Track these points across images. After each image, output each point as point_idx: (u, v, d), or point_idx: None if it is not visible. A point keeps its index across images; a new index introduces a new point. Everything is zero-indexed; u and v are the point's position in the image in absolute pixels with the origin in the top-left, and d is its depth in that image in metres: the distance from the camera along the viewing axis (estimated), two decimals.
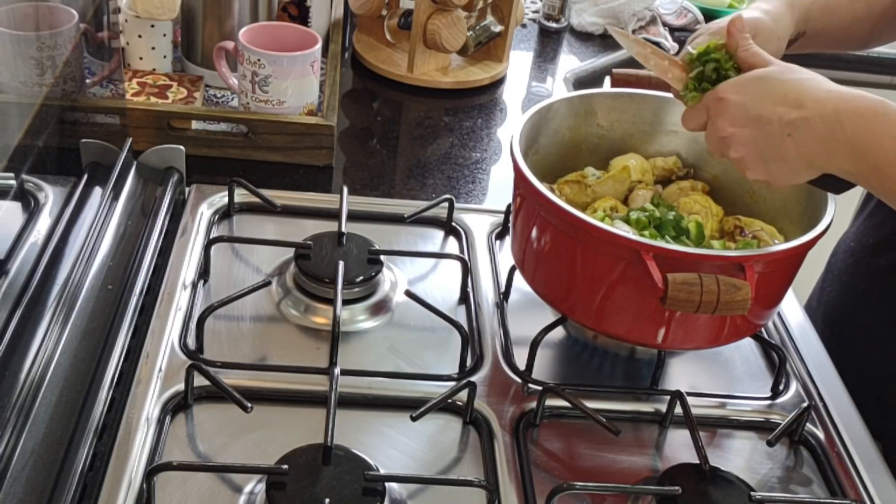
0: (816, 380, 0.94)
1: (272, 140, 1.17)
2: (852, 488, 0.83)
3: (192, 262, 0.96)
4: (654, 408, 0.88)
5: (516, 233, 0.92)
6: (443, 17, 1.36)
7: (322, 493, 0.71)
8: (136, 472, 0.74)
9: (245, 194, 1.05)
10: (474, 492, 0.77)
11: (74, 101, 1.02)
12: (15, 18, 0.87)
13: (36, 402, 0.75)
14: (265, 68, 1.16)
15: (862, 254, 1.11)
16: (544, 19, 1.70)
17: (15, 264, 0.80)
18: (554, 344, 0.95)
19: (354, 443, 0.78)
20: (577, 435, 0.85)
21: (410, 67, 1.41)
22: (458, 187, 1.20)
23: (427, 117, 1.37)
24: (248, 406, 0.77)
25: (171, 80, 1.25)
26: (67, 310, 0.83)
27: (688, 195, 0.97)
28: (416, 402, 0.80)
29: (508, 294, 0.99)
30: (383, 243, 1.00)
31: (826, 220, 0.83)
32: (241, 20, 1.29)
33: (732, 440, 0.87)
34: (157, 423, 0.79)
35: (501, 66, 1.49)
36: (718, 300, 0.75)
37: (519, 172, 0.87)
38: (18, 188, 0.86)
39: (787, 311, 1.02)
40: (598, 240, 0.80)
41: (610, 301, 0.84)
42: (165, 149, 1.07)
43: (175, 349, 0.86)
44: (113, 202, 0.98)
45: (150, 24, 1.24)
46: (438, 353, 0.91)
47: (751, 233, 0.92)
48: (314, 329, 0.92)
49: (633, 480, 0.81)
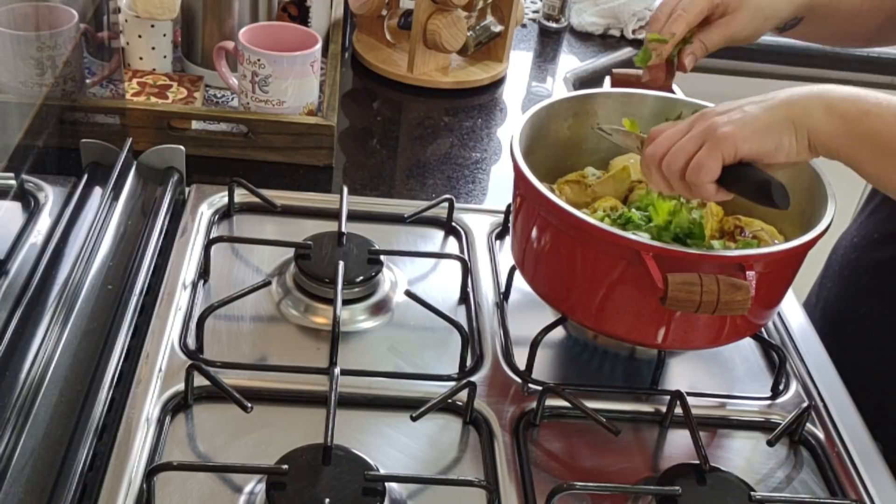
0: (816, 380, 0.94)
1: (272, 140, 1.17)
2: (852, 488, 0.83)
3: (192, 262, 0.96)
4: (654, 408, 0.88)
5: (516, 233, 0.92)
6: (443, 17, 1.36)
7: (322, 493, 0.71)
8: (136, 472, 0.74)
9: (245, 194, 1.05)
10: (474, 492, 0.77)
11: (74, 101, 1.03)
12: (15, 18, 0.87)
13: (36, 402, 0.75)
14: (265, 68, 1.16)
15: (864, 248, 1.11)
16: (544, 19, 1.70)
17: (15, 264, 0.80)
18: (554, 344, 0.95)
19: (354, 443, 0.78)
20: (577, 435, 0.85)
21: (410, 67, 1.41)
22: (458, 187, 1.20)
23: (427, 117, 1.37)
24: (248, 406, 0.77)
25: (171, 80, 1.25)
26: (67, 310, 0.83)
27: None
28: (416, 402, 0.80)
29: (508, 294, 0.99)
30: (383, 243, 1.00)
31: (826, 220, 0.83)
32: (241, 20, 1.29)
33: (732, 440, 0.87)
34: (157, 423, 0.79)
35: (501, 66, 1.49)
36: (718, 300, 0.75)
37: (519, 172, 0.87)
38: (18, 188, 0.86)
39: (787, 311, 1.02)
40: (598, 240, 0.80)
41: (610, 301, 0.84)
42: (165, 149, 1.07)
43: (175, 349, 0.86)
44: (113, 202, 0.98)
45: (150, 24, 1.24)
46: (438, 353, 0.91)
47: (751, 233, 0.92)
48: (314, 329, 0.92)
49: (633, 480, 0.81)
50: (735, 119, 0.78)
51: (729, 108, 0.80)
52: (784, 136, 0.77)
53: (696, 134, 0.79)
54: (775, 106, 0.78)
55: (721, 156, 0.77)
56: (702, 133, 0.79)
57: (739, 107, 0.80)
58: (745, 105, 0.80)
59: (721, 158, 0.77)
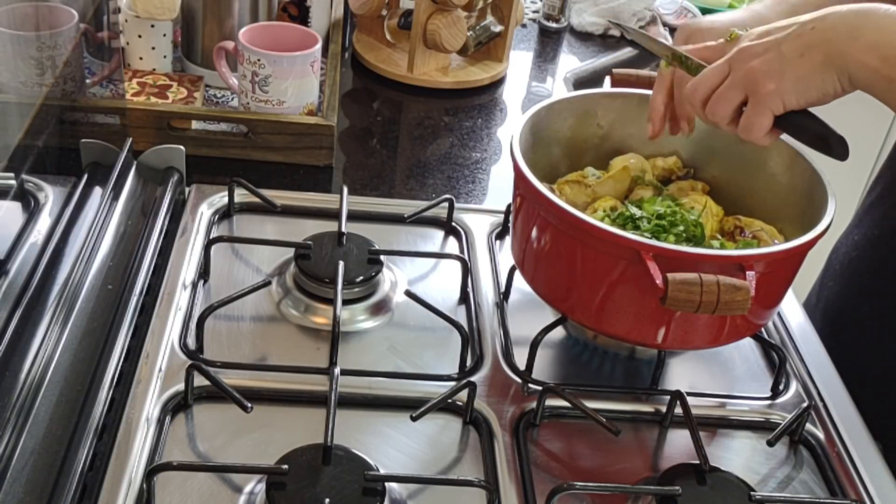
0: (816, 380, 0.94)
1: (272, 140, 1.17)
2: (852, 488, 0.83)
3: (192, 262, 0.96)
4: (654, 408, 0.88)
5: (516, 233, 0.92)
6: (443, 17, 1.36)
7: (322, 493, 0.71)
8: (136, 472, 0.74)
9: (245, 194, 1.05)
10: (474, 492, 0.77)
11: (74, 101, 1.03)
12: (15, 18, 0.87)
13: (36, 402, 0.75)
14: (265, 68, 1.16)
15: (865, 248, 1.11)
16: (544, 19, 1.70)
17: (15, 264, 0.80)
18: (554, 344, 0.95)
19: (354, 443, 0.78)
20: (577, 435, 0.85)
21: (410, 67, 1.41)
22: (458, 187, 1.20)
23: (427, 117, 1.37)
24: (248, 406, 0.77)
25: (171, 80, 1.25)
26: (67, 310, 0.83)
27: (688, 195, 0.97)
28: (416, 402, 0.80)
29: (508, 294, 0.99)
30: (383, 243, 1.00)
31: (826, 220, 0.83)
32: (241, 20, 1.29)
33: (732, 440, 0.87)
34: (157, 423, 0.79)
35: (501, 66, 1.49)
36: (718, 300, 0.75)
37: (519, 172, 0.87)
38: (18, 188, 0.86)
39: (787, 311, 1.02)
40: (598, 240, 0.80)
41: (610, 301, 0.84)
42: (165, 149, 1.07)
43: (175, 349, 0.86)
44: (113, 202, 0.98)
45: (150, 24, 1.24)
46: (438, 353, 0.91)
47: (751, 233, 0.92)
48: (314, 329, 0.92)
49: (633, 480, 0.81)
50: (775, 69, 0.78)
51: (766, 48, 0.79)
52: (827, 83, 0.77)
53: (738, 81, 0.80)
54: (812, 46, 0.77)
55: (770, 112, 0.79)
56: (742, 81, 0.80)
57: (776, 45, 0.78)
58: (782, 43, 0.78)
59: (770, 114, 0.79)
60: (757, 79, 0.79)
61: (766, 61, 0.78)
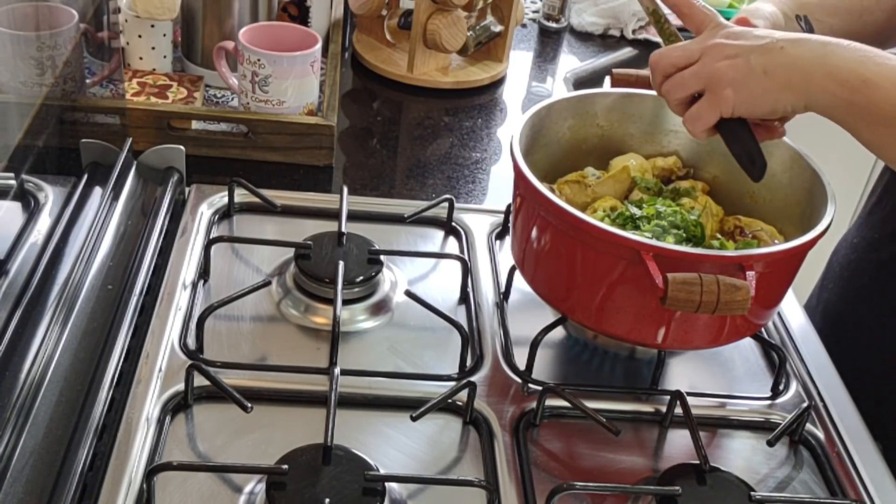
0: (816, 380, 0.94)
1: (272, 140, 1.17)
2: (852, 488, 0.83)
3: (192, 262, 0.96)
4: (654, 408, 0.88)
5: (516, 233, 0.92)
6: (443, 17, 1.36)
7: (322, 493, 0.71)
8: (136, 472, 0.74)
9: (245, 194, 1.05)
10: (474, 492, 0.77)
11: (74, 101, 1.02)
12: (15, 18, 0.87)
13: (36, 402, 0.75)
14: (265, 68, 1.16)
15: (865, 249, 1.11)
16: (544, 19, 1.70)
17: (15, 264, 0.80)
18: (554, 344, 0.95)
19: (354, 443, 0.78)
20: (577, 435, 0.85)
21: (410, 67, 1.41)
22: (458, 187, 1.20)
23: (427, 117, 1.37)
24: (248, 406, 0.77)
25: (171, 80, 1.25)
26: (67, 310, 0.83)
27: (688, 195, 0.97)
28: (416, 402, 0.80)
29: (508, 294, 0.99)
30: (383, 243, 1.00)
31: (826, 220, 0.83)
32: (241, 20, 1.29)
33: (732, 440, 0.87)
34: (157, 423, 0.79)
35: (501, 66, 1.49)
36: (718, 300, 0.75)
37: (519, 172, 0.87)
38: (18, 188, 0.86)
39: (787, 311, 1.02)
40: (598, 240, 0.80)
41: (610, 301, 0.84)
42: (165, 149, 1.07)
43: (175, 349, 0.86)
44: (113, 202, 0.98)
45: (150, 24, 1.24)
46: (438, 353, 0.91)
47: (751, 233, 0.92)
48: (314, 329, 0.92)
49: (633, 480, 0.81)
50: (738, 78, 0.80)
51: (737, 52, 0.80)
52: (780, 101, 0.80)
53: (701, 74, 0.82)
54: (777, 67, 0.79)
55: (719, 112, 0.82)
56: (705, 77, 0.82)
57: (747, 53, 0.80)
58: (752, 52, 0.80)
59: (719, 114, 0.82)
60: (719, 80, 0.81)
61: (733, 66, 0.80)
